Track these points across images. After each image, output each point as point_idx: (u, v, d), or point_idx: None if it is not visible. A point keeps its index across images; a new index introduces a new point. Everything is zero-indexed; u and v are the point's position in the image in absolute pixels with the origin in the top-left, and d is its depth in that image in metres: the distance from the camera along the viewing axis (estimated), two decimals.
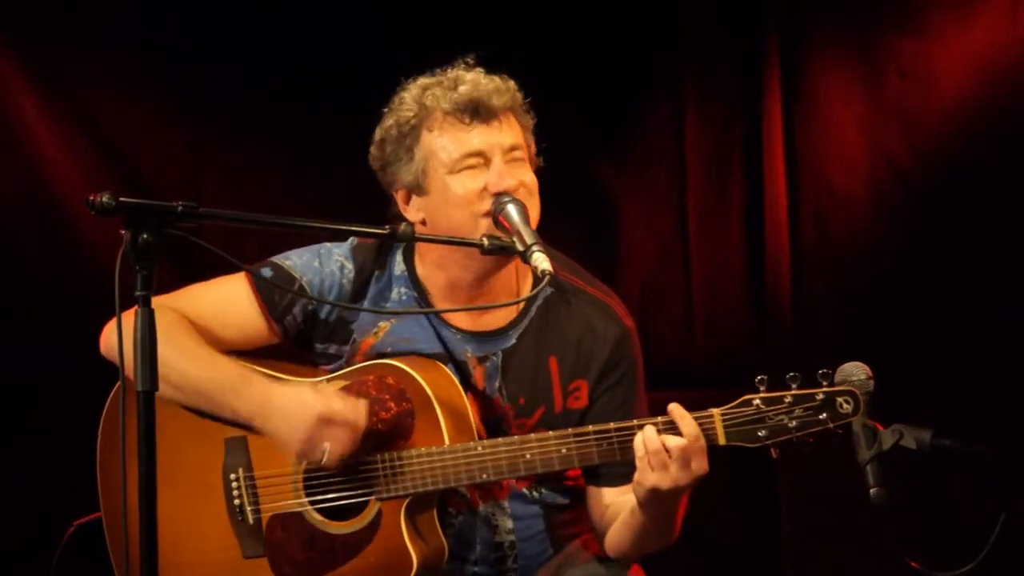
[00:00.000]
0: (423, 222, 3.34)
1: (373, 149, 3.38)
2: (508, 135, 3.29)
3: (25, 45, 4.93)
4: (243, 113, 5.11)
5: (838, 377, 3.08)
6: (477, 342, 3.39)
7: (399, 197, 3.37)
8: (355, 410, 3.23)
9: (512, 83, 3.34)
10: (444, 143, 3.28)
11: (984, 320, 4.79)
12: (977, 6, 4.79)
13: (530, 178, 3.31)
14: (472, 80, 3.30)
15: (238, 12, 5.01)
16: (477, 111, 3.27)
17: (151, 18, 5.03)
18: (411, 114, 3.30)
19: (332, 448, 3.23)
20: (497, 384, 3.37)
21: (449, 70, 3.35)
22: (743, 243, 5.12)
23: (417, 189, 3.33)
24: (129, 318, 2.68)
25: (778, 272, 5.05)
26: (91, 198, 2.65)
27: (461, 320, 3.39)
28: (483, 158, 3.27)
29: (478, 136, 3.27)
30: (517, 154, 3.30)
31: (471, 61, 3.36)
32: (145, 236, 2.66)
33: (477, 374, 3.38)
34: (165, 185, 5.00)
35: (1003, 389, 4.69)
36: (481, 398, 3.36)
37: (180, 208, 2.71)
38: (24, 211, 4.98)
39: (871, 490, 2.99)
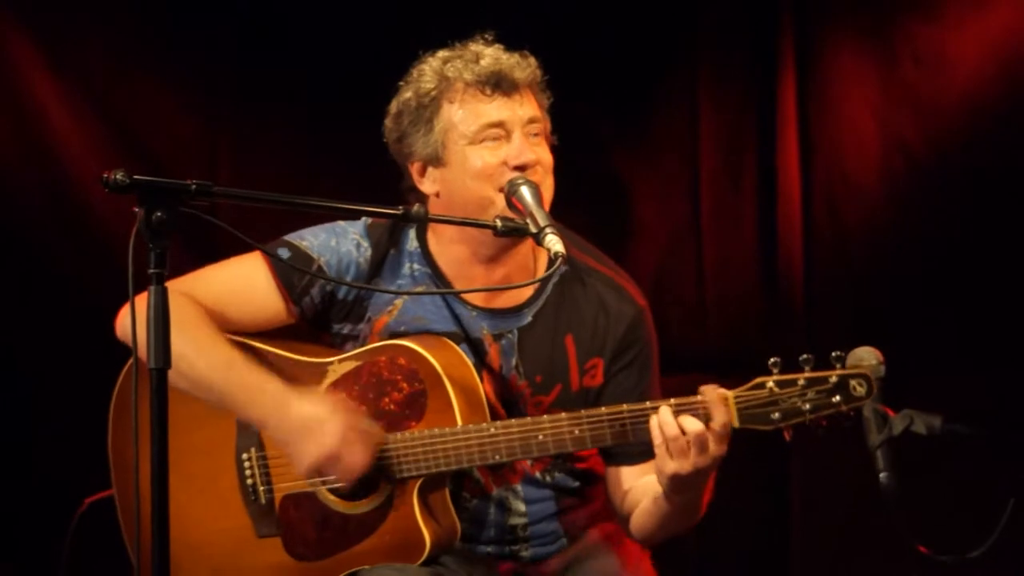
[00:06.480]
0: (437, 195, 3.34)
1: (388, 121, 3.38)
2: (528, 108, 3.30)
3: (40, 27, 4.94)
4: (258, 94, 5.11)
5: (850, 361, 3.05)
6: (492, 319, 3.39)
7: (414, 169, 3.36)
8: (366, 450, 3.23)
9: (532, 59, 3.34)
10: (465, 114, 3.27)
11: (997, 307, 4.77)
12: None
13: (547, 155, 3.32)
14: (493, 54, 3.30)
15: None
16: (499, 83, 3.27)
17: (167, 1, 5.05)
18: (431, 86, 3.30)
19: (339, 474, 3.25)
20: (514, 362, 3.37)
21: (469, 44, 3.35)
22: (756, 228, 5.11)
23: (434, 161, 3.32)
24: (143, 298, 2.66)
25: (790, 257, 5.03)
26: (105, 176, 2.64)
27: (476, 298, 3.38)
28: (503, 129, 3.27)
29: (498, 108, 3.27)
30: (536, 128, 3.30)
31: (489, 37, 3.36)
32: (159, 214, 2.65)
33: (493, 351, 3.37)
34: (179, 166, 5.00)
35: (1017, 376, 4.68)
36: (497, 375, 3.36)
37: (194, 186, 2.70)
38: (38, 191, 4.99)
39: (880, 475, 2.98)
